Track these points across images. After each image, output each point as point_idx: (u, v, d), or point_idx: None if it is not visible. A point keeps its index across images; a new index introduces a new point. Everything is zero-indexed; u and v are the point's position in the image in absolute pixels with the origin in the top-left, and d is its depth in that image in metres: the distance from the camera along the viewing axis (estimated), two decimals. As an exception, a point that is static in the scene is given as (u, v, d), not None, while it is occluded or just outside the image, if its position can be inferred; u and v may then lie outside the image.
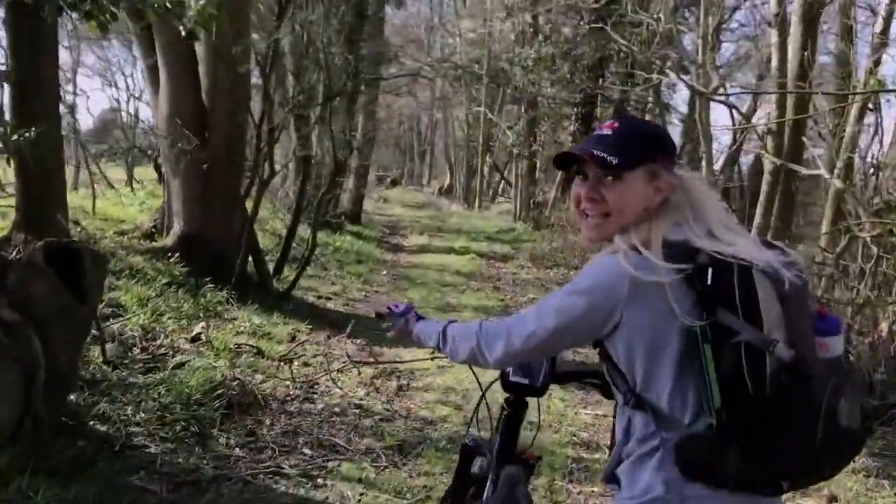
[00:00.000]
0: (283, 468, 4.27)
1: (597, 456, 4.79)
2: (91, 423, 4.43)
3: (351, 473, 4.26)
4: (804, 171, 8.05)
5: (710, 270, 1.50)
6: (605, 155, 1.66)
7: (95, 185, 14.33)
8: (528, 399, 2.39)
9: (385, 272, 12.43)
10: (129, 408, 4.63)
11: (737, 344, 1.47)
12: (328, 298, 9.56)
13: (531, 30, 18.51)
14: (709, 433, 1.51)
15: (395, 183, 45.05)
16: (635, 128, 1.79)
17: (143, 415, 4.57)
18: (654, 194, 1.68)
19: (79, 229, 7.80)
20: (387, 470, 4.36)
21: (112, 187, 14.20)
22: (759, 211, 9.05)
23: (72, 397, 4.60)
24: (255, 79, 9.47)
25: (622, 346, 1.63)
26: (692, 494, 1.55)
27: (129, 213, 10.72)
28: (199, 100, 8.30)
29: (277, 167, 9.71)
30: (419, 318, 2.26)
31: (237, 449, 4.49)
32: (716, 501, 1.54)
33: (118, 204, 11.88)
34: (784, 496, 1.66)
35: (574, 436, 5.15)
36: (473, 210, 26.96)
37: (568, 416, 5.54)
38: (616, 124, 1.75)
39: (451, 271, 12.58)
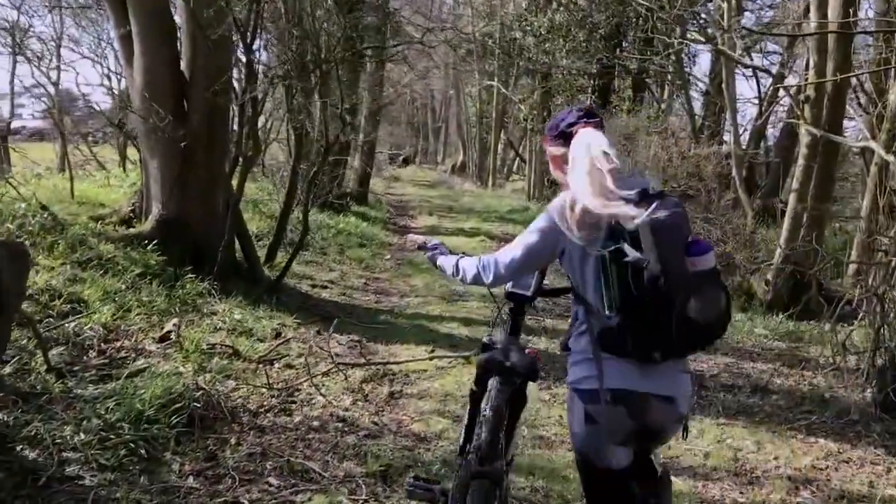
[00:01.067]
0: (242, 503, 3.55)
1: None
2: (19, 447, 3.73)
3: (321, 511, 3.54)
4: (851, 143, 7.20)
5: (654, 225, 2.27)
6: (559, 137, 2.64)
7: (87, 167, 13.76)
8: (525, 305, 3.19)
9: (389, 256, 11.70)
10: (69, 427, 3.92)
11: (626, 263, 2.28)
12: (324, 287, 8.82)
13: (544, -5, 17.51)
14: (614, 325, 2.35)
15: (407, 161, 44.29)
16: (584, 111, 2.65)
17: (82, 436, 3.85)
18: (583, 165, 2.44)
19: (45, 215, 7.07)
20: (365, 505, 3.64)
21: (103, 168, 13.51)
22: (793, 186, 8.21)
23: (1, 415, 3.93)
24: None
25: (567, 265, 2.51)
26: (604, 357, 2.40)
27: (114, 197, 10.00)
28: (177, 71, 7.55)
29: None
30: (443, 253, 3.09)
31: (191, 478, 3.78)
32: (616, 362, 2.39)
33: (105, 186, 11.17)
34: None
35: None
36: (487, 188, 26.16)
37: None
38: (574, 112, 2.66)
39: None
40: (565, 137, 2.56)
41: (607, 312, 2.34)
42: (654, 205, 2.31)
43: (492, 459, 2.65)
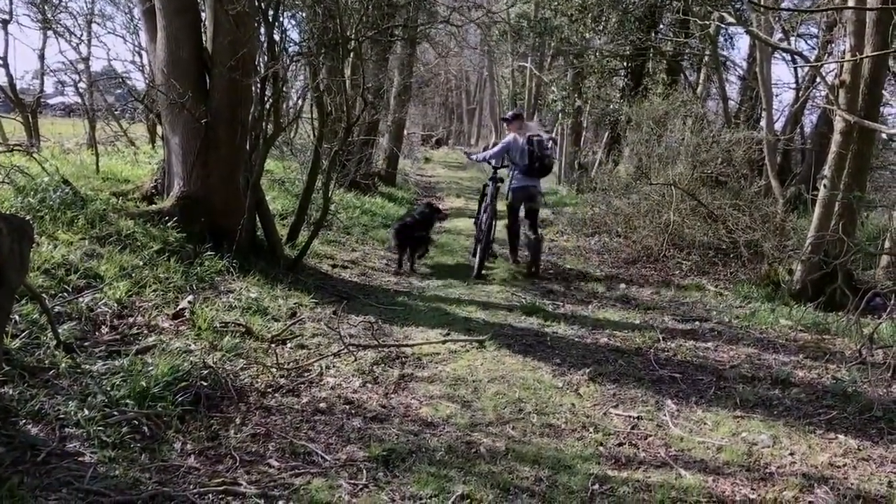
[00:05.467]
0: (240, 485, 3.51)
1: (625, 474, 3.94)
2: (22, 422, 3.74)
3: (319, 496, 3.47)
4: (887, 130, 6.94)
5: (532, 140, 9.32)
6: (505, 120, 10.16)
7: (117, 143, 13.82)
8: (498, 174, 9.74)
9: (413, 237, 11.59)
10: (73, 403, 3.91)
11: (531, 150, 9.29)
12: (344, 267, 8.79)
13: (576, -26, 17.14)
14: (525, 167, 9.35)
15: (439, 143, 44.09)
16: (515, 113, 9.98)
17: (86, 412, 3.85)
18: (517, 127, 9.60)
19: (66, 190, 7.09)
20: (364, 490, 3.57)
21: (132, 144, 13.57)
22: (827, 174, 7.97)
23: (6, 389, 3.93)
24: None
25: (512, 153, 9.49)
26: (519, 176, 9.44)
27: (140, 173, 10.02)
28: (199, 47, 7.51)
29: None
30: (473, 155, 10.68)
31: (191, 457, 3.75)
32: (525, 177, 9.42)
33: (132, 163, 11.21)
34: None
35: (601, 445, 4.30)
36: (517, 171, 25.83)
37: (594, 418, 4.69)
38: (511, 112, 10.12)
39: (484, 237, 11.68)
40: (516, 120, 9.69)
41: (523, 165, 9.24)
42: (541, 135, 9.46)
43: (495, 213, 9.30)
